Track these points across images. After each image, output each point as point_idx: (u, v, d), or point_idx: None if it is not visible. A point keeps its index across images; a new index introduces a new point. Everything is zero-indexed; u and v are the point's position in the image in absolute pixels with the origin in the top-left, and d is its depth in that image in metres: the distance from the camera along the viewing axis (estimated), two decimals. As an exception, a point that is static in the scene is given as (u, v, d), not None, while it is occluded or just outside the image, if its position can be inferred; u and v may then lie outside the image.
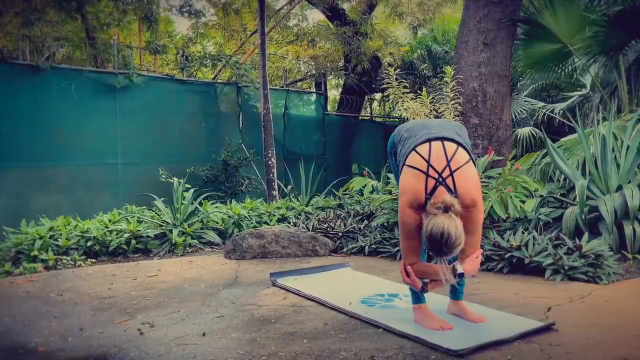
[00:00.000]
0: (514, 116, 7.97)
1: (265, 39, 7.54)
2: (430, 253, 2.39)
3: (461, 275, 2.37)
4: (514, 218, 4.49)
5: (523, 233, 4.05)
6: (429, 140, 2.46)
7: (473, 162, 2.48)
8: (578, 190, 4.18)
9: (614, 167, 4.45)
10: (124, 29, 9.74)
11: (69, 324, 2.79)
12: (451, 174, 2.38)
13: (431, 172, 2.39)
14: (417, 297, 2.63)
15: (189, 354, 2.31)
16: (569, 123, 6.62)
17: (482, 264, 2.65)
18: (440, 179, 2.38)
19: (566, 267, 3.51)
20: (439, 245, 2.24)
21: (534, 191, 4.81)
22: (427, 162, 2.41)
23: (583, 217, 4.10)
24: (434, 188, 2.37)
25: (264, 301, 3.20)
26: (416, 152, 2.45)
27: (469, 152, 2.48)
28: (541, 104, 8.57)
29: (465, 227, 2.29)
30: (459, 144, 2.47)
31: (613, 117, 4.98)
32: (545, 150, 5.14)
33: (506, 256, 3.77)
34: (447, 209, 2.26)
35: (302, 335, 2.55)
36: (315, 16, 12.03)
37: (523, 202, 4.66)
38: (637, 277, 3.61)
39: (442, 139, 2.47)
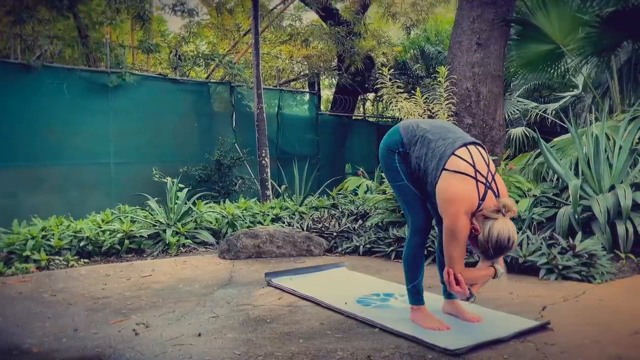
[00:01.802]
0: (506, 116, 8.00)
1: (259, 38, 7.53)
2: (484, 256, 2.41)
3: (501, 274, 2.45)
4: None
5: (517, 232, 4.05)
6: (465, 145, 2.44)
7: None
8: (571, 190, 4.20)
9: (606, 167, 4.48)
10: (116, 28, 9.69)
11: (63, 324, 2.77)
12: (493, 178, 2.42)
13: (479, 177, 2.38)
14: (417, 298, 2.63)
15: (185, 355, 2.30)
16: (561, 123, 6.66)
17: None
18: (488, 184, 2.39)
19: (560, 267, 3.53)
20: (504, 249, 2.31)
21: (527, 191, 4.84)
22: (474, 166, 2.39)
23: (576, 216, 4.12)
24: (485, 193, 2.38)
25: (259, 301, 3.19)
26: (457, 156, 2.39)
27: None
28: (534, 104, 8.61)
29: None
30: (485, 149, 2.52)
31: (605, 118, 5.01)
32: (539, 150, 5.17)
33: (500, 256, 3.77)
34: (507, 212, 2.32)
35: (299, 335, 2.54)
36: (309, 16, 12.03)
37: (517, 201, 4.68)
38: (630, 276, 3.64)
39: (475, 143, 2.49)
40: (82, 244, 4.70)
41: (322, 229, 5.08)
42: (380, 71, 5.27)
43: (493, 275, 2.45)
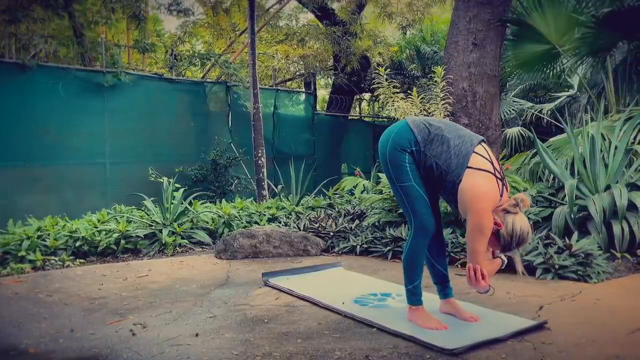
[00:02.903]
0: (502, 116, 8.02)
1: (255, 38, 7.52)
2: (504, 249, 2.50)
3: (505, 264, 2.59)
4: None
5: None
6: (479, 143, 2.54)
7: None
8: (568, 190, 4.21)
9: (602, 167, 4.49)
10: (111, 27, 9.66)
11: (59, 325, 2.76)
12: (504, 175, 2.54)
13: (497, 173, 2.49)
14: (416, 298, 2.62)
15: (183, 355, 2.29)
16: (557, 123, 6.68)
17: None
18: (504, 181, 2.51)
19: (556, 266, 3.55)
20: (525, 241, 2.44)
21: (523, 190, 4.84)
22: (492, 163, 2.49)
23: (572, 216, 4.14)
24: (502, 189, 2.48)
25: (256, 301, 3.18)
26: (478, 154, 2.48)
27: None
28: (529, 104, 8.64)
29: None
30: None
31: (601, 118, 5.03)
32: (535, 150, 5.19)
33: (497, 255, 3.78)
34: (525, 206, 2.41)
35: (296, 335, 2.54)
36: (305, 16, 12.02)
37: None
38: (626, 275, 3.66)
39: (484, 141, 2.58)
40: (77, 244, 4.68)
41: (319, 228, 5.08)
42: (376, 71, 5.27)
43: (519, 264, 2.62)
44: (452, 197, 2.49)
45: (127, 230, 4.90)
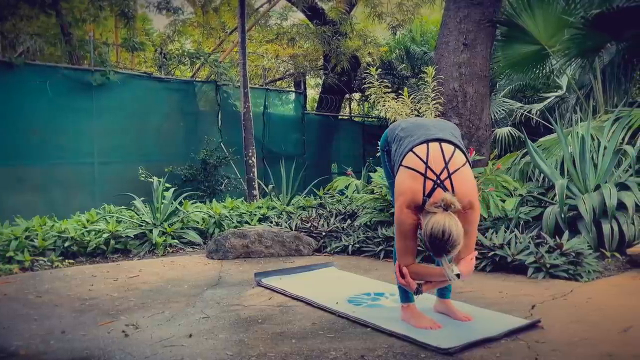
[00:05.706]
0: (492, 116, 8.06)
1: (245, 37, 7.49)
2: (430, 254, 2.34)
3: (458, 276, 2.36)
4: (495, 217, 4.54)
5: (505, 232, 4.09)
6: (427, 142, 2.44)
7: (469, 163, 2.48)
8: (558, 190, 4.24)
9: (591, 167, 4.53)
10: (100, 26, 9.57)
11: (50, 326, 2.72)
12: (449, 176, 2.36)
13: (429, 174, 2.36)
14: (407, 296, 2.63)
15: (177, 356, 2.27)
16: (545, 123, 6.73)
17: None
18: (438, 181, 2.35)
19: (548, 265, 3.57)
20: (440, 244, 2.20)
21: (513, 190, 4.88)
22: (425, 163, 2.38)
23: (563, 215, 4.17)
24: (432, 190, 2.34)
25: (249, 301, 3.17)
26: (413, 153, 2.42)
27: (465, 154, 2.48)
28: (519, 104, 8.70)
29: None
30: (456, 145, 2.46)
31: (590, 118, 5.07)
32: (525, 150, 5.22)
33: (489, 255, 3.81)
34: (447, 207, 2.24)
35: (291, 335, 2.53)
36: (296, 16, 12.01)
37: (503, 201, 4.72)
38: (615, 274, 3.69)
39: (440, 140, 2.45)
40: (66, 244, 4.63)
41: (311, 228, 5.07)
42: (367, 71, 5.27)
43: (451, 274, 2.37)
44: None
45: (117, 231, 4.86)
